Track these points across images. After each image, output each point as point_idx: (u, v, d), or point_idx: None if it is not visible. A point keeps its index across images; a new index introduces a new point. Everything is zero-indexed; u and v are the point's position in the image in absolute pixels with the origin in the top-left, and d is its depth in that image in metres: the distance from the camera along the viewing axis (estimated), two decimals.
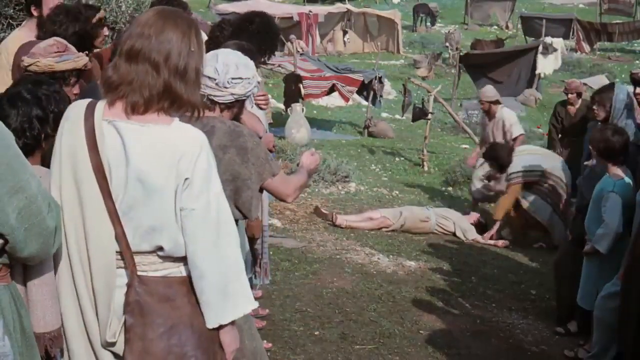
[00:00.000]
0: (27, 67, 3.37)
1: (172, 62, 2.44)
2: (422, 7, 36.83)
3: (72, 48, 3.54)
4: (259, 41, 4.97)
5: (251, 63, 3.41)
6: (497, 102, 9.58)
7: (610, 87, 6.18)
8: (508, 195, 8.63)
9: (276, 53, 9.35)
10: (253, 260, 5.01)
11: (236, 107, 3.40)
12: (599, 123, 6.14)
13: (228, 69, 3.27)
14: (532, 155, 8.84)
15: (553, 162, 8.75)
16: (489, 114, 9.62)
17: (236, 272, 2.54)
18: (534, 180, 8.59)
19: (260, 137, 3.86)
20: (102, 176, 2.43)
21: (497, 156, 8.71)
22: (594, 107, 6.18)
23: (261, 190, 3.32)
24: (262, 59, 5.18)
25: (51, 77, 3.31)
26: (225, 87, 3.27)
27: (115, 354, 2.52)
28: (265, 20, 5.15)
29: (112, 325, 2.48)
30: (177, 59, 2.44)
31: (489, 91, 9.70)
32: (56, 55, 3.41)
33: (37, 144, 2.77)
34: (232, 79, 3.27)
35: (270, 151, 5.04)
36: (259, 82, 3.52)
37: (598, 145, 5.36)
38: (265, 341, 4.59)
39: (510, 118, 9.64)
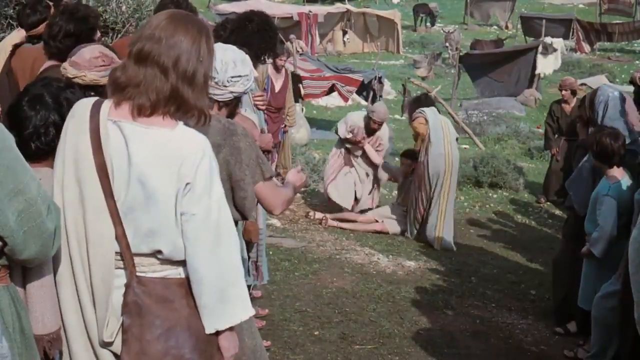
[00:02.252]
0: (71, 79, 3.26)
1: (181, 66, 2.43)
2: (422, 7, 36.84)
3: (117, 59, 3.41)
4: (259, 40, 4.98)
5: (247, 58, 3.41)
6: None
7: (596, 90, 6.20)
8: (417, 125, 8.47)
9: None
10: (249, 262, 5.00)
11: (233, 103, 3.40)
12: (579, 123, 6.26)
13: (227, 68, 3.26)
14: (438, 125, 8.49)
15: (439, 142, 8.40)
16: (374, 131, 8.98)
17: (235, 278, 2.53)
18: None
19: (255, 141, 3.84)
20: (105, 176, 2.43)
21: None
22: (581, 108, 6.29)
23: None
24: (263, 58, 5.19)
25: (93, 89, 3.23)
26: (225, 86, 3.27)
27: (115, 354, 2.52)
28: (264, 18, 5.15)
29: (109, 325, 2.48)
30: (186, 64, 2.43)
31: (384, 111, 9.10)
32: (102, 69, 3.30)
33: (51, 149, 2.74)
34: (232, 77, 3.27)
35: (269, 151, 5.07)
36: (255, 78, 3.52)
37: (592, 147, 5.38)
38: (264, 341, 4.59)
39: (387, 133, 9.28)
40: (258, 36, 4.98)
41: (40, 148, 2.72)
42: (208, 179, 2.44)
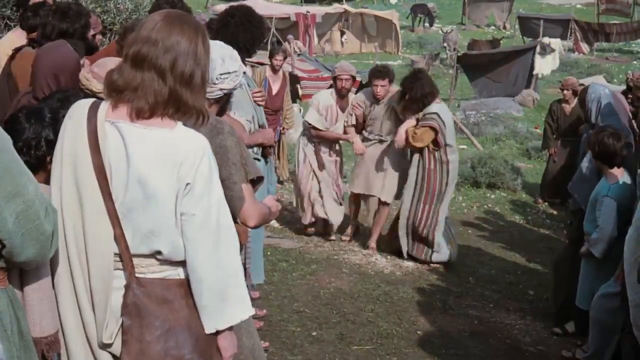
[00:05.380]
0: (95, 93, 3.20)
1: (179, 69, 2.42)
2: (420, 8, 36.86)
3: None
4: (243, 32, 4.97)
5: (235, 54, 3.40)
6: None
7: (586, 88, 6.21)
8: (424, 133, 7.34)
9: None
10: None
11: (223, 100, 3.39)
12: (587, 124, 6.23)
13: (215, 65, 3.24)
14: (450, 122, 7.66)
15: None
16: (347, 92, 8.11)
17: (235, 278, 2.53)
18: (439, 142, 7.41)
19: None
20: (103, 177, 2.42)
21: (424, 83, 7.54)
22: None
23: None
24: (252, 51, 5.18)
25: None
26: (214, 83, 3.26)
27: (113, 355, 2.51)
28: (246, 11, 5.14)
29: (109, 326, 2.47)
30: (183, 65, 2.42)
31: (346, 64, 8.29)
32: None
33: (41, 165, 2.73)
34: (220, 74, 3.26)
35: (271, 146, 5.06)
36: (244, 73, 3.50)
37: (593, 147, 5.38)
38: (262, 341, 4.59)
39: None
40: (242, 29, 4.97)
41: (28, 162, 2.69)
42: (208, 179, 2.44)
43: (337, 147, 8.36)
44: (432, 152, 7.44)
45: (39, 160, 2.73)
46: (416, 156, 7.50)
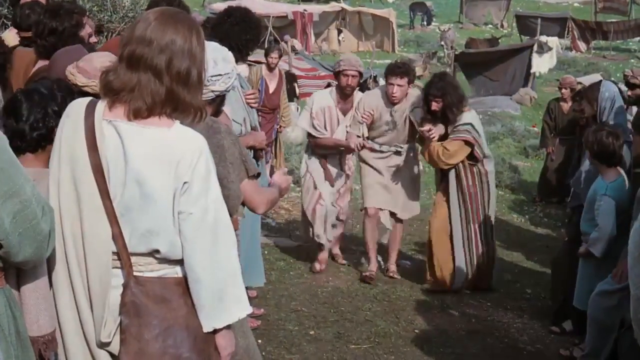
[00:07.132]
0: (80, 87, 3.18)
1: (174, 68, 2.41)
2: (420, 6, 36.86)
3: None
4: (238, 32, 4.96)
5: (229, 56, 3.40)
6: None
7: (598, 85, 6.15)
8: (460, 149, 6.48)
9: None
10: None
11: (217, 101, 3.39)
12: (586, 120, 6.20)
13: (207, 67, 3.23)
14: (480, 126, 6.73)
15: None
16: (351, 91, 6.83)
17: (232, 277, 2.53)
18: (477, 156, 6.56)
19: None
20: (100, 176, 2.41)
21: (452, 87, 6.66)
22: (581, 102, 6.21)
23: None
24: (248, 51, 5.17)
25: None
26: (206, 85, 3.25)
27: (111, 354, 2.51)
28: (242, 11, 5.14)
29: (107, 325, 2.47)
30: (179, 64, 2.41)
31: (354, 57, 6.99)
32: None
33: (50, 136, 2.71)
34: (212, 76, 3.25)
35: (263, 149, 5.05)
36: (239, 75, 3.50)
37: (592, 147, 5.34)
38: (259, 340, 4.58)
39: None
40: (238, 28, 4.97)
41: (41, 134, 2.71)
42: (205, 178, 2.44)
43: (351, 163, 7.11)
44: (469, 167, 6.54)
45: (49, 131, 2.72)
46: (452, 173, 6.55)
